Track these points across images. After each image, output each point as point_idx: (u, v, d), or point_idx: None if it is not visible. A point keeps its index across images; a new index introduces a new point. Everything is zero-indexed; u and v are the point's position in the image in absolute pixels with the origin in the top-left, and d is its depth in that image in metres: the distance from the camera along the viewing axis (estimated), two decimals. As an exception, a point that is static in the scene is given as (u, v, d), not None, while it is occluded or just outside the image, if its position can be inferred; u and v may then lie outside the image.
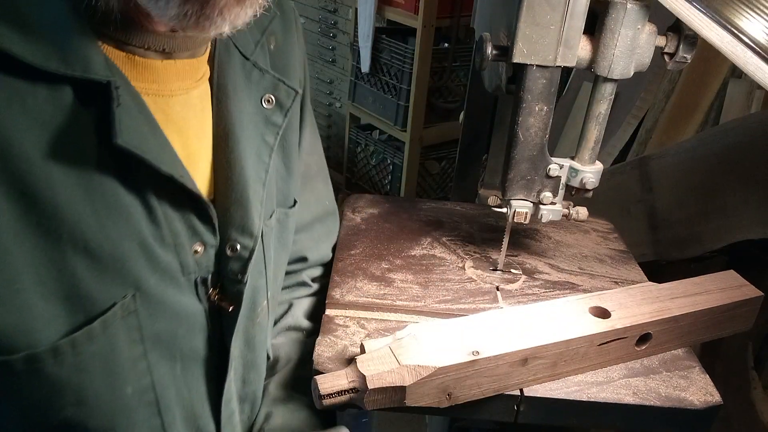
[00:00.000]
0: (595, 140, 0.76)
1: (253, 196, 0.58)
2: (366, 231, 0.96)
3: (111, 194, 0.47)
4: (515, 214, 0.78)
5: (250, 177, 0.58)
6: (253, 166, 0.59)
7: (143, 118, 0.49)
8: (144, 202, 0.49)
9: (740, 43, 0.59)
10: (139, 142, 0.47)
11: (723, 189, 1.18)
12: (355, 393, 0.61)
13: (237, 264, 0.57)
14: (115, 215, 0.47)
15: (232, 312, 0.58)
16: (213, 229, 0.55)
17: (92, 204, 0.46)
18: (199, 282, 0.55)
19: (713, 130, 1.31)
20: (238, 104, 0.58)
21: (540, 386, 0.68)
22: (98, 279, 0.47)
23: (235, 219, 0.57)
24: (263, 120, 0.61)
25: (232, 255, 0.57)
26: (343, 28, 2.30)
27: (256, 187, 0.59)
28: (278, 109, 0.61)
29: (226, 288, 0.58)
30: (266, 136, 0.61)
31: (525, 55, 0.68)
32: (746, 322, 0.80)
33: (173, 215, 0.52)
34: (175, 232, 0.52)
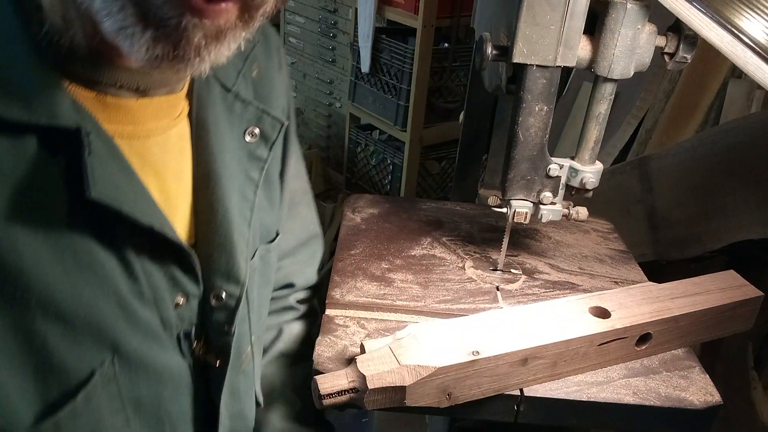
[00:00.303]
0: (595, 140, 0.76)
1: (238, 239, 0.54)
2: (366, 231, 0.96)
3: (83, 251, 0.43)
4: (515, 214, 0.78)
5: (234, 218, 0.54)
6: (237, 205, 0.55)
7: (117, 165, 0.44)
8: (120, 256, 0.45)
9: (740, 43, 0.59)
10: (114, 193, 0.42)
11: (723, 189, 1.18)
12: (355, 393, 0.61)
13: (223, 314, 0.53)
14: (88, 274, 0.43)
15: (219, 366, 0.54)
16: (195, 278, 0.51)
17: (63, 264, 0.41)
18: (182, 337, 0.51)
19: (713, 130, 1.31)
20: (220, 140, 0.54)
21: (540, 386, 0.68)
22: (73, 346, 0.43)
23: (219, 265, 0.52)
24: (247, 154, 0.56)
25: (217, 305, 0.53)
26: (343, 28, 2.30)
27: (242, 228, 0.55)
28: (262, 142, 0.57)
29: (212, 340, 0.53)
30: (250, 172, 0.57)
31: (525, 55, 0.68)
32: (746, 322, 0.80)
33: (152, 268, 0.47)
34: (154, 286, 0.48)
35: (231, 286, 0.53)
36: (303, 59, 2.54)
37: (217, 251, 0.52)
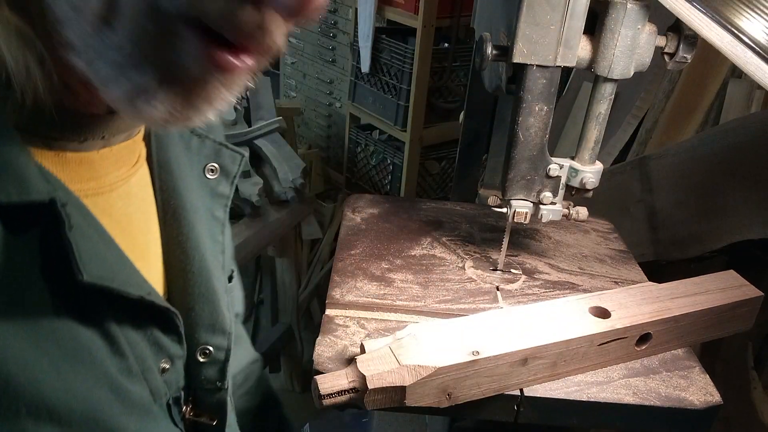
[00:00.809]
0: (595, 140, 0.76)
1: (218, 287, 0.50)
2: (366, 231, 0.96)
3: (68, 338, 0.38)
4: (515, 214, 0.78)
5: (211, 265, 0.49)
6: (210, 250, 0.50)
7: (96, 235, 0.39)
8: (104, 334, 0.40)
9: (740, 43, 0.59)
10: (103, 271, 0.38)
11: (723, 189, 1.18)
12: (355, 393, 0.61)
13: (213, 370, 0.49)
14: (76, 362, 0.38)
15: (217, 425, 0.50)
16: (179, 338, 0.46)
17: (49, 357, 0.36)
18: (171, 404, 0.46)
19: (713, 130, 1.31)
20: (184, 181, 0.49)
21: (540, 386, 0.68)
22: None
23: (202, 318, 0.48)
24: (209, 193, 0.52)
25: (205, 360, 0.48)
26: (343, 28, 2.30)
27: (218, 274, 0.51)
28: (223, 177, 0.53)
29: (202, 400, 0.49)
30: (215, 211, 0.52)
31: (525, 55, 0.68)
32: (746, 322, 0.80)
33: (136, 338, 0.43)
34: (140, 358, 0.43)
35: (218, 339, 0.49)
36: (303, 59, 2.54)
37: (198, 304, 0.48)
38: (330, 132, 2.58)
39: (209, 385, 0.49)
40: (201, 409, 0.49)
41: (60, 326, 0.37)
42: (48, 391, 0.36)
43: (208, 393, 0.49)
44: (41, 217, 0.35)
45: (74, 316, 0.38)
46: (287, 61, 2.61)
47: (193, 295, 0.48)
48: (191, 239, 0.48)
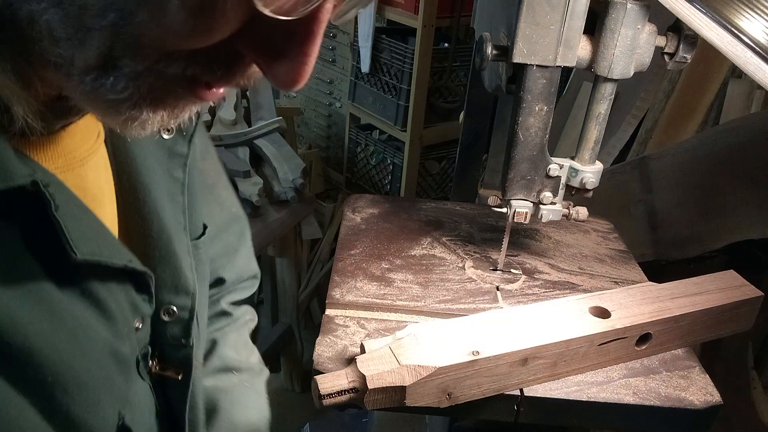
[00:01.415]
0: (595, 140, 0.76)
1: (179, 248, 0.51)
2: (366, 231, 0.96)
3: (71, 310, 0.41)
4: (515, 214, 0.78)
5: (171, 227, 0.50)
6: (170, 212, 0.51)
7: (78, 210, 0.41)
8: (97, 303, 0.43)
9: (740, 43, 0.59)
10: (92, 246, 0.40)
11: (723, 189, 1.18)
12: (355, 393, 0.61)
13: (177, 328, 0.51)
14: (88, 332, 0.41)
15: (182, 379, 0.52)
16: (150, 298, 0.49)
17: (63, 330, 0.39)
18: (140, 359, 0.49)
19: (713, 130, 1.31)
20: (138, 145, 0.49)
21: (540, 386, 0.68)
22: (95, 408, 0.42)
23: (165, 280, 0.50)
24: (166, 153, 0.52)
25: (170, 320, 0.51)
26: (343, 28, 2.30)
27: (179, 236, 0.52)
28: (180, 136, 0.53)
29: (169, 356, 0.52)
30: (174, 172, 0.52)
31: (525, 55, 0.68)
32: (746, 322, 0.80)
33: (122, 301, 0.46)
34: (126, 320, 0.46)
35: (181, 299, 0.51)
36: (303, 59, 2.54)
37: (160, 266, 0.50)
38: (330, 132, 2.58)
39: (174, 342, 0.51)
40: (167, 363, 0.51)
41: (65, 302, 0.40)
42: (68, 359, 0.39)
43: (174, 349, 0.51)
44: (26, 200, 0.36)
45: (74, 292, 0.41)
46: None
47: (154, 258, 0.49)
48: (148, 204, 0.49)
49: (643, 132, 1.60)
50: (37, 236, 0.38)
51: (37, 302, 0.38)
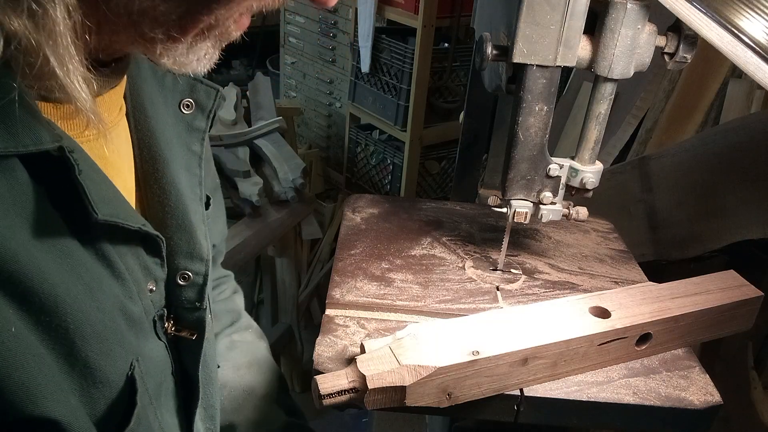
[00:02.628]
0: (595, 140, 0.76)
1: (194, 218, 0.54)
2: (366, 231, 0.96)
3: (91, 268, 0.45)
4: (515, 214, 0.78)
5: (187, 197, 0.54)
6: (187, 183, 0.55)
7: (98, 176, 0.44)
8: (109, 263, 0.46)
9: (740, 43, 0.59)
10: (110, 209, 0.44)
11: (723, 189, 1.18)
12: (355, 393, 0.61)
13: (192, 292, 0.55)
14: (101, 288, 0.45)
15: (196, 339, 0.56)
16: (162, 262, 0.52)
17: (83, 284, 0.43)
18: (156, 320, 0.53)
19: (713, 130, 1.31)
20: (159, 119, 0.53)
21: (540, 386, 0.68)
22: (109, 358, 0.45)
23: (181, 247, 0.54)
24: (185, 128, 0.56)
25: (185, 284, 0.54)
26: (343, 28, 2.30)
27: (195, 206, 0.55)
28: (199, 112, 0.56)
29: (183, 318, 0.55)
30: (192, 146, 0.56)
31: (525, 55, 0.68)
32: (746, 322, 0.80)
33: (132, 264, 0.49)
34: (137, 282, 0.50)
35: (196, 265, 0.55)
36: (303, 59, 2.54)
37: (177, 234, 0.53)
38: (330, 132, 2.58)
39: (189, 305, 0.55)
40: (182, 325, 0.55)
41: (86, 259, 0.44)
42: (86, 310, 0.43)
43: (188, 312, 0.55)
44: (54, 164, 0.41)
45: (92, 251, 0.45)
46: (287, 61, 2.61)
47: (171, 227, 0.53)
48: (167, 175, 0.53)
49: (643, 132, 1.60)
50: (62, 197, 0.42)
51: (60, 256, 0.42)
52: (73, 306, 0.42)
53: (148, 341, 0.51)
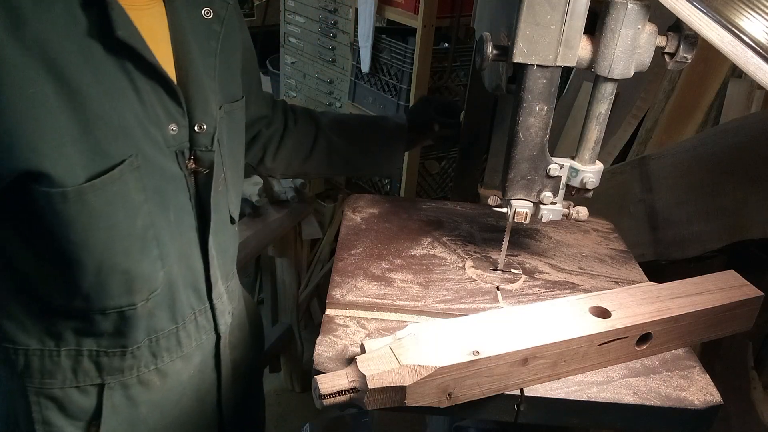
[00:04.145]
0: (595, 140, 0.76)
1: (208, 88, 0.75)
2: (366, 231, 0.96)
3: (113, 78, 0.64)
4: (515, 214, 0.78)
5: (203, 73, 0.74)
6: (203, 65, 0.75)
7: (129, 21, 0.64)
8: (134, 86, 0.66)
9: (741, 43, 0.59)
10: (130, 37, 0.63)
11: (723, 189, 1.18)
12: (355, 393, 0.61)
13: (205, 138, 0.74)
14: (118, 94, 0.64)
15: (207, 174, 0.75)
16: (183, 112, 0.71)
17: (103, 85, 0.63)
18: (178, 153, 0.72)
19: (713, 130, 1.31)
20: (186, 18, 0.73)
21: (540, 386, 0.68)
22: (113, 141, 0.64)
23: (198, 105, 0.73)
24: (206, 28, 0.76)
25: (200, 131, 0.74)
26: (343, 28, 2.30)
27: (209, 81, 0.75)
28: (216, 19, 0.76)
29: (200, 158, 0.75)
30: (210, 41, 0.76)
31: (525, 55, 0.68)
32: (746, 322, 0.80)
33: (154, 99, 0.68)
34: (156, 113, 0.69)
35: (208, 119, 0.74)
36: (303, 59, 2.54)
37: (195, 95, 0.73)
38: (330, 132, 2.57)
39: (203, 147, 0.75)
40: (198, 164, 0.75)
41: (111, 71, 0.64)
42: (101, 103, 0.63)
43: (203, 153, 0.75)
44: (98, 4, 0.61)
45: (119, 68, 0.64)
46: (287, 61, 2.61)
47: (191, 89, 0.73)
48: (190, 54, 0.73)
49: (643, 132, 1.60)
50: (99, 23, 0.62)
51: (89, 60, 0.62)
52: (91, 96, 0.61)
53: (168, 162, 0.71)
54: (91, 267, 0.68)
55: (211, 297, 0.83)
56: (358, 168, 1.15)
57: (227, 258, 0.87)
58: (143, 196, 0.68)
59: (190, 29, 0.74)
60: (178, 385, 0.83)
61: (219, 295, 0.84)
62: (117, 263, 0.69)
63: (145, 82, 0.67)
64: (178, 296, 0.78)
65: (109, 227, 0.67)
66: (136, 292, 0.72)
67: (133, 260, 0.70)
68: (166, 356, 0.80)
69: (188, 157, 0.74)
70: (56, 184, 0.62)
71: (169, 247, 0.74)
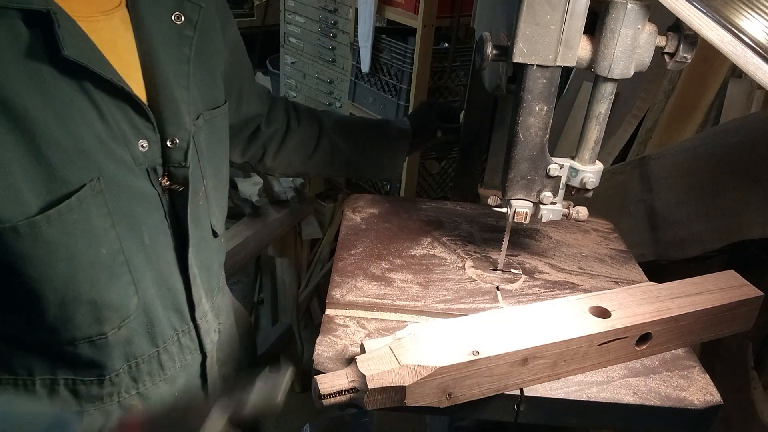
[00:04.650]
0: (595, 140, 0.76)
1: (179, 99, 0.71)
2: (366, 231, 0.96)
3: (67, 99, 0.60)
4: (515, 213, 0.78)
5: (174, 83, 0.70)
6: (174, 74, 0.71)
7: (80, 36, 0.60)
8: (95, 105, 0.62)
9: (740, 43, 0.59)
10: (81, 55, 0.59)
11: (723, 189, 1.18)
12: (355, 393, 0.61)
13: (179, 153, 0.71)
14: (73, 115, 0.60)
15: (182, 191, 0.72)
16: (153, 127, 0.68)
17: (53, 108, 0.59)
18: (150, 171, 0.69)
19: (713, 130, 1.31)
20: (153, 24, 0.69)
21: (540, 386, 0.68)
22: (69, 165, 0.60)
23: (169, 118, 0.70)
24: (177, 34, 0.72)
25: (172, 147, 0.70)
26: (343, 28, 2.30)
27: (181, 91, 0.71)
28: (188, 23, 0.72)
29: (174, 174, 0.71)
30: (182, 48, 0.72)
31: (525, 54, 0.68)
32: (746, 322, 0.80)
33: (119, 117, 0.65)
34: (122, 131, 0.65)
35: (181, 133, 0.70)
36: (303, 59, 2.54)
37: (166, 108, 0.69)
38: (330, 132, 2.57)
39: (177, 163, 0.71)
40: (173, 180, 0.71)
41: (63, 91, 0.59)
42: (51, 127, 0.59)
43: (177, 169, 0.71)
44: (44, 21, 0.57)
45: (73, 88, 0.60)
46: (287, 61, 2.60)
47: (162, 103, 0.69)
48: (158, 65, 0.69)
49: (643, 132, 1.60)
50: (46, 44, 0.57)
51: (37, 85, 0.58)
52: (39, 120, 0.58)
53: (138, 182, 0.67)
54: (53, 300, 0.64)
55: (194, 317, 0.79)
56: (359, 170, 1.14)
57: (211, 274, 0.83)
58: (109, 221, 0.65)
59: (159, 36, 0.70)
60: (161, 408, 0.79)
61: (203, 314, 0.80)
62: (81, 293, 0.65)
63: (107, 100, 0.63)
64: (158, 320, 0.74)
65: (70, 258, 0.63)
66: (105, 321, 0.69)
67: (99, 289, 0.66)
68: (147, 380, 0.76)
69: (162, 174, 0.70)
70: (3, 219, 0.58)
71: (145, 271, 0.70)
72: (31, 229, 0.60)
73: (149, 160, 0.68)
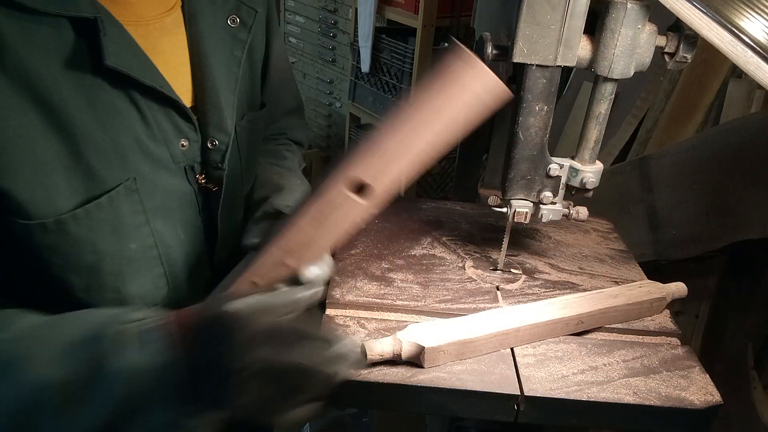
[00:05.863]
0: (595, 140, 0.76)
1: (225, 102, 0.71)
2: (366, 231, 0.96)
3: (109, 103, 0.61)
4: (515, 213, 0.78)
5: (221, 86, 0.71)
6: (224, 77, 0.72)
7: (126, 43, 0.61)
8: (137, 107, 0.63)
9: (740, 43, 0.59)
10: (123, 62, 0.60)
11: (723, 189, 1.18)
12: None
13: (217, 155, 0.72)
14: (112, 118, 0.61)
15: (216, 192, 0.73)
16: (194, 128, 0.69)
17: (95, 110, 0.60)
18: (187, 169, 0.70)
19: (713, 130, 1.31)
20: (207, 26, 0.70)
21: (540, 386, 0.68)
22: (107, 167, 0.62)
23: (212, 120, 0.70)
24: (231, 37, 0.72)
25: (212, 148, 0.71)
26: (343, 28, 2.30)
27: (228, 94, 0.72)
28: (242, 27, 0.73)
29: (210, 174, 0.72)
30: (234, 51, 0.73)
31: (525, 54, 0.68)
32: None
33: (161, 117, 0.66)
34: (163, 131, 0.66)
35: (221, 135, 0.71)
36: (303, 59, 2.54)
37: (210, 110, 0.70)
38: (330, 132, 2.58)
39: (215, 164, 0.72)
40: (209, 180, 0.72)
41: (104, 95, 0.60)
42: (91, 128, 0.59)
43: (214, 170, 0.72)
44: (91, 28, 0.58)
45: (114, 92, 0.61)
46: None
47: (206, 104, 0.70)
48: (207, 67, 0.70)
49: (643, 132, 1.60)
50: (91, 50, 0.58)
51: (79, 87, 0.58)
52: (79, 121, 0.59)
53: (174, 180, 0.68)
54: (79, 285, 0.66)
55: None
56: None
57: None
58: (143, 217, 0.66)
59: (212, 38, 0.70)
60: None
61: None
62: (106, 282, 0.67)
63: (150, 103, 0.64)
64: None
65: (95, 252, 0.64)
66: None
67: (124, 281, 0.68)
68: None
69: (199, 172, 0.72)
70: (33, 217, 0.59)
71: (179, 264, 0.72)
72: (57, 226, 0.61)
73: (188, 158, 0.70)
